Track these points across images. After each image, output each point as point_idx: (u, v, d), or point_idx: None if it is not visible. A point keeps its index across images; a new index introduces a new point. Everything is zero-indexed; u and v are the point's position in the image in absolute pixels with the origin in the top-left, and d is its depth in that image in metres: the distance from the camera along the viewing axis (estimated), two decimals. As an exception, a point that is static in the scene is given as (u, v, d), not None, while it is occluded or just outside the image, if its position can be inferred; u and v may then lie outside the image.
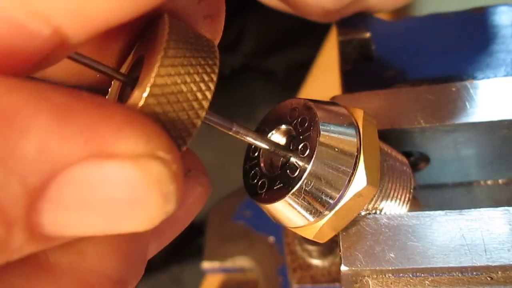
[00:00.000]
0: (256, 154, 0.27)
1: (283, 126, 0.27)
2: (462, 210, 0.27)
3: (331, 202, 0.25)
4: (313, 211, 0.25)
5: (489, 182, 0.36)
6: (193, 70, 0.19)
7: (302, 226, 0.26)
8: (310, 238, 0.26)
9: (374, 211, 0.29)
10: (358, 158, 0.25)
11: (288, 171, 0.25)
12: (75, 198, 0.16)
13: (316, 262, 0.45)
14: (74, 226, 0.16)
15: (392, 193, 0.29)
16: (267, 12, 0.50)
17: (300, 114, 0.26)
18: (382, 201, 0.29)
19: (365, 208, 0.29)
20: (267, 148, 0.25)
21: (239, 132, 0.24)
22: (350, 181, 0.25)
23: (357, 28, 0.39)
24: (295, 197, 0.24)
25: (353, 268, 0.26)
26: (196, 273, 0.68)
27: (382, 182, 0.29)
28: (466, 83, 0.31)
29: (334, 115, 0.26)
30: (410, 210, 0.30)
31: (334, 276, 0.45)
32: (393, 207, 0.29)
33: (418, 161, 0.34)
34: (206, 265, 0.59)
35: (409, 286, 0.27)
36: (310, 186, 0.24)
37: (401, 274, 0.26)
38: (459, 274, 0.26)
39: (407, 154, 0.32)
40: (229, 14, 0.24)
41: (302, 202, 0.25)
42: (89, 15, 0.16)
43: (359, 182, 0.25)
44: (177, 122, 0.19)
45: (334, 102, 0.27)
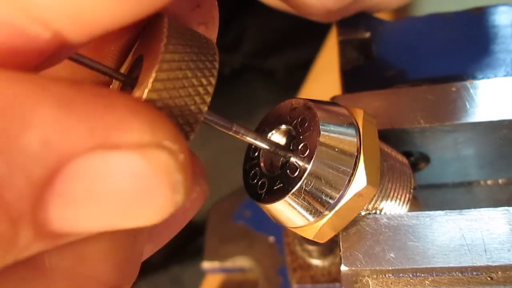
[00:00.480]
0: (256, 154, 0.27)
1: (283, 126, 0.27)
2: (462, 210, 0.27)
3: (331, 202, 0.25)
4: (313, 211, 0.25)
5: (489, 182, 0.36)
6: (194, 66, 0.19)
7: (302, 226, 0.26)
8: (310, 238, 0.26)
9: (374, 211, 0.29)
10: (358, 158, 0.25)
11: (288, 171, 0.25)
12: (82, 191, 0.15)
13: (316, 262, 0.45)
14: (82, 221, 0.16)
15: (392, 193, 0.29)
16: (267, 12, 0.50)
17: (300, 114, 0.26)
18: (382, 201, 0.29)
19: (365, 208, 0.29)
20: (267, 148, 0.25)
21: (239, 132, 0.24)
22: (350, 181, 0.25)
23: (357, 28, 0.39)
24: (295, 197, 0.24)
25: (353, 268, 0.26)
26: (196, 273, 0.69)
27: (382, 182, 0.29)
28: (466, 83, 0.31)
29: (334, 115, 0.26)
30: (410, 210, 0.30)
31: (334, 276, 0.45)
32: (393, 207, 0.29)
33: (418, 161, 0.34)
34: (206, 265, 0.59)
35: (409, 286, 0.27)
36: (310, 186, 0.24)
37: (401, 274, 0.26)
38: (459, 274, 0.26)
39: (407, 154, 0.32)
40: (229, 14, 0.24)
41: (302, 202, 0.25)
42: (88, 20, 0.16)
43: (359, 182, 0.25)
44: (182, 110, 0.19)
45: (334, 102, 0.27)
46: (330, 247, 0.45)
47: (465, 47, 0.36)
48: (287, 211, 0.25)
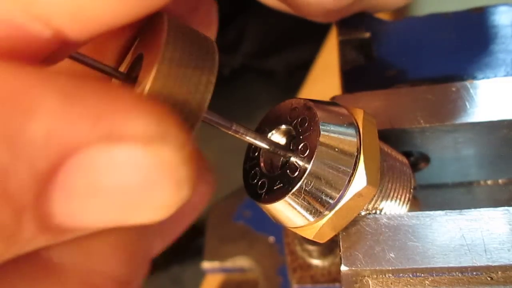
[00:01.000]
0: (256, 154, 0.27)
1: (283, 126, 0.27)
2: (462, 210, 0.27)
3: (331, 202, 0.25)
4: (313, 211, 0.25)
5: (489, 182, 0.36)
6: (194, 64, 0.19)
7: (302, 226, 0.26)
8: (310, 238, 0.26)
9: (374, 211, 0.29)
10: (358, 158, 0.25)
11: (288, 171, 0.25)
12: (86, 184, 0.15)
13: (316, 262, 0.45)
14: (86, 215, 0.16)
15: (392, 193, 0.29)
16: (267, 12, 0.50)
17: (300, 114, 0.26)
18: (382, 201, 0.29)
19: (365, 208, 0.29)
20: (267, 147, 0.25)
21: (239, 131, 0.24)
22: (350, 181, 0.25)
23: (357, 28, 0.39)
24: (295, 197, 0.24)
25: (353, 268, 0.26)
26: (196, 273, 0.68)
27: (382, 182, 0.29)
28: (466, 83, 0.31)
29: (334, 115, 0.26)
30: (410, 210, 0.30)
31: (334, 276, 0.45)
32: (393, 207, 0.29)
33: (418, 161, 0.34)
34: (206, 265, 0.59)
35: (409, 286, 0.27)
36: (310, 186, 0.24)
37: (401, 274, 0.26)
38: (459, 274, 0.26)
39: (407, 154, 0.32)
40: (229, 15, 0.24)
41: (302, 202, 0.25)
42: (89, 18, 0.16)
43: (359, 182, 0.25)
44: (182, 107, 0.19)
45: (334, 102, 0.27)
46: (330, 247, 0.45)
47: (465, 47, 0.36)
48: (287, 211, 0.25)
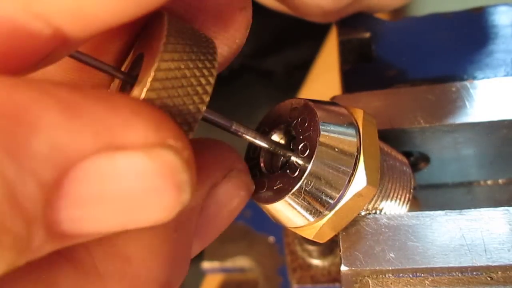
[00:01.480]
0: (256, 154, 0.27)
1: (283, 126, 0.27)
2: (462, 210, 0.27)
3: (331, 202, 0.25)
4: (313, 211, 0.25)
5: (489, 182, 0.36)
6: (192, 65, 0.19)
7: (302, 226, 0.26)
8: (310, 238, 0.26)
9: (374, 211, 0.29)
10: (358, 158, 0.25)
11: (288, 171, 0.25)
12: (90, 192, 0.16)
13: (316, 262, 0.45)
14: (91, 221, 0.16)
15: (392, 193, 0.29)
16: (266, 12, 0.50)
17: (300, 114, 0.26)
18: (382, 201, 0.29)
19: (365, 208, 0.29)
20: (267, 147, 0.25)
21: (238, 130, 0.24)
22: (350, 181, 0.25)
23: (357, 28, 0.39)
24: (295, 197, 0.24)
25: (353, 268, 0.26)
26: (196, 273, 0.68)
27: (382, 182, 0.29)
28: (466, 83, 0.31)
29: (334, 115, 0.26)
30: (410, 210, 0.30)
31: (334, 276, 0.45)
32: (393, 207, 0.29)
33: (418, 161, 0.34)
34: (206, 265, 0.59)
35: (409, 286, 0.27)
36: (310, 186, 0.24)
37: (401, 274, 0.26)
38: (459, 274, 0.26)
39: (407, 154, 0.32)
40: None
41: (302, 202, 0.25)
42: (89, 17, 0.16)
43: (359, 182, 0.25)
44: (180, 109, 0.19)
45: (334, 102, 0.27)
46: (330, 247, 0.45)
47: (465, 47, 0.36)
48: (287, 211, 0.25)
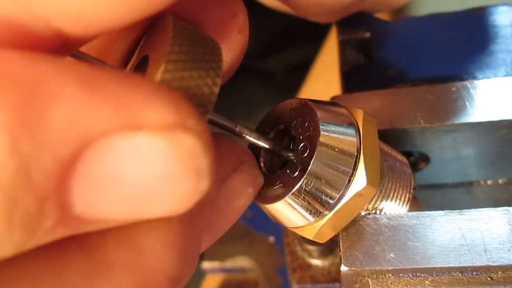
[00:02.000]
0: (256, 154, 0.27)
1: (283, 126, 0.27)
2: (462, 210, 0.27)
3: (331, 202, 0.25)
4: (313, 211, 0.25)
5: (489, 182, 0.36)
6: (199, 66, 0.19)
7: (302, 226, 0.26)
8: (310, 238, 0.26)
9: (374, 211, 0.29)
10: (358, 158, 0.25)
11: (288, 171, 0.25)
12: (106, 172, 0.15)
13: (316, 262, 0.45)
14: (106, 206, 0.16)
15: (392, 193, 0.29)
16: (267, 12, 0.50)
17: (300, 114, 0.26)
18: (382, 201, 0.29)
19: (365, 208, 0.29)
20: (268, 147, 0.25)
21: (243, 132, 0.24)
22: (350, 181, 0.25)
23: (357, 28, 0.39)
24: (295, 197, 0.24)
25: (353, 268, 0.26)
26: (196, 273, 0.68)
27: (382, 182, 0.29)
28: (466, 83, 0.31)
29: (334, 115, 0.26)
30: (410, 210, 0.30)
31: (334, 276, 0.45)
32: (393, 207, 0.29)
33: (418, 161, 0.34)
34: (206, 265, 0.59)
35: (409, 286, 0.27)
36: (310, 186, 0.24)
37: (401, 274, 0.26)
38: (459, 274, 0.26)
39: (407, 154, 0.32)
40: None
41: (302, 202, 0.25)
42: (90, 18, 0.16)
43: (359, 182, 0.25)
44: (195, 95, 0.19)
45: (334, 102, 0.27)
46: (330, 247, 0.45)
47: (465, 47, 0.36)
48: (287, 211, 0.25)
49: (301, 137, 0.25)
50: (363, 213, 0.28)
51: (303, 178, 0.24)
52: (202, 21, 0.22)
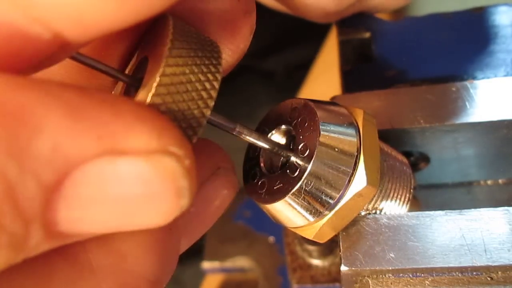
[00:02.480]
0: (256, 154, 0.27)
1: (283, 126, 0.27)
2: (462, 210, 0.27)
3: (331, 202, 0.25)
4: (313, 211, 0.25)
5: (489, 182, 0.36)
6: (197, 69, 0.19)
7: (302, 226, 0.26)
8: (310, 238, 0.26)
9: (374, 211, 0.29)
10: (358, 158, 0.25)
11: (288, 171, 0.25)
12: (89, 195, 0.16)
13: (316, 262, 0.45)
14: (89, 223, 0.16)
15: (392, 193, 0.29)
16: (267, 12, 0.50)
17: (300, 114, 0.26)
18: (382, 201, 0.29)
19: (365, 208, 0.29)
20: (268, 148, 0.25)
21: (242, 132, 0.24)
22: (350, 181, 0.25)
23: (357, 28, 0.39)
24: (295, 197, 0.24)
25: (353, 268, 0.26)
26: (196, 273, 0.68)
27: (382, 182, 0.29)
28: (466, 83, 0.31)
29: (334, 115, 0.26)
30: (410, 210, 0.30)
31: (334, 276, 0.45)
32: (393, 207, 0.29)
33: (418, 161, 0.34)
34: (206, 265, 0.59)
35: (409, 286, 0.27)
36: (310, 186, 0.24)
37: (401, 274, 0.26)
38: (459, 274, 0.26)
39: (407, 154, 0.32)
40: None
41: (302, 202, 0.25)
42: (90, 22, 0.16)
43: (359, 182, 0.25)
44: (185, 114, 0.19)
45: (334, 102, 0.27)
46: (330, 247, 0.45)
47: (465, 47, 0.36)
48: (287, 211, 0.25)
49: (301, 137, 0.25)
50: (363, 213, 0.28)
51: (303, 178, 0.24)
52: (208, 14, 0.23)
